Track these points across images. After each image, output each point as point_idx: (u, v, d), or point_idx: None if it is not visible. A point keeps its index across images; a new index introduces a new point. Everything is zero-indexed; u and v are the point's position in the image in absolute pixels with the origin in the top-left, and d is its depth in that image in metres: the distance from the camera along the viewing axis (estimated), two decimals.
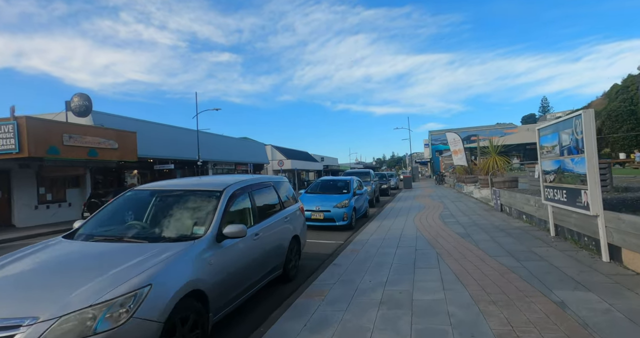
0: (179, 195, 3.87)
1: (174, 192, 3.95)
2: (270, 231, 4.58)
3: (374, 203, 15.82)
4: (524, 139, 32.01)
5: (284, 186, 5.86)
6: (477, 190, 15.04)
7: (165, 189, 4.01)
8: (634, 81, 53.92)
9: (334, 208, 9.62)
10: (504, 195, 9.37)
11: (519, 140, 29.95)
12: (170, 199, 3.82)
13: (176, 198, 3.84)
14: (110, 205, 3.83)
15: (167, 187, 4.05)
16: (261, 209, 4.62)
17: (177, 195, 3.87)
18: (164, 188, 4.04)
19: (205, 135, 32.40)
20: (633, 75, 56.99)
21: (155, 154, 24.12)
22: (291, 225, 5.34)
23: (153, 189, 4.02)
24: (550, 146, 5.50)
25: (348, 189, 10.70)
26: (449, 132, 20.82)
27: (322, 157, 72.34)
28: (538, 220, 6.88)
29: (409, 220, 9.74)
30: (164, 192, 3.93)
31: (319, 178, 12.02)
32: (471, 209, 11.30)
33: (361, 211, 11.39)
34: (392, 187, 28.49)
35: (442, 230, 7.56)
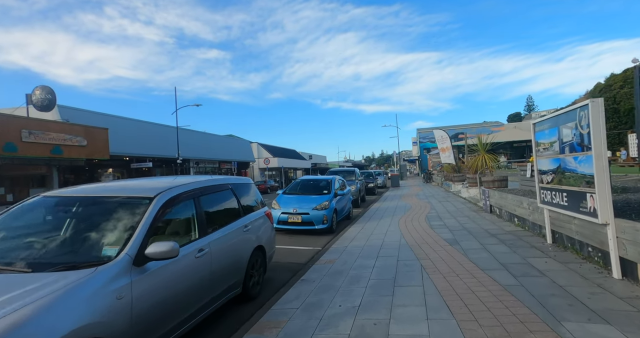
0: (94, 204, 3.04)
1: (88, 200, 3.11)
2: (223, 244, 3.81)
3: (359, 203, 15.16)
4: (512, 136, 31.87)
5: (247, 189, 5.07)
6: (465, 189, 14.52)
7: (78, 196, 3.16)
8: (617, 80, 54.81)
9: (313, 210, 8.88)
10: (494, 196, 8.79)
11: (507, 138, 29.77)
12: (81, 210, 2.99)
13: (90, 208, 3.01)
14: (1, 216, 2.98)
15: (81, 194, 3.20)
16: (211, 218, 3.84)
17: (91, 205, 3.04)
18: (77, 195, 3.20)
19: (187, 133, 31.23)
20: (616, 75, 57.94)
21: (131, 151, 22.98)
22: (254, 234, 4.58)
23: (62, 196, 3.18)
24: (548, 143, 4.87)
25: (329, 190, 9.97)
26: (437, 130, 20.31)
27: (311, 155, 71.62)
28: (532, 225, 6.27)
29: (394, 223, 9.07)
30: (74, 201, 3.09)
31: (299, 178, 11.26)
32: (459, 210, 10.72)
33: (344, 213, 10.69)
34: (379, 186, 27.91)
35: (428, 236, 6.89)
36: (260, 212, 5.10)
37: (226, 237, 3.92)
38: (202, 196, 3.77)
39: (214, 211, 4.02)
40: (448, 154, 18.93)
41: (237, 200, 4.57)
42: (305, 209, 8.92)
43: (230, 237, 4.00)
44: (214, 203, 4.06)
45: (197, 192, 3.69)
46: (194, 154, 31.01)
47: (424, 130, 60.27)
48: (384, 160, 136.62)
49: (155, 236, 2.89)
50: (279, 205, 9.25)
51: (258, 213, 5.01)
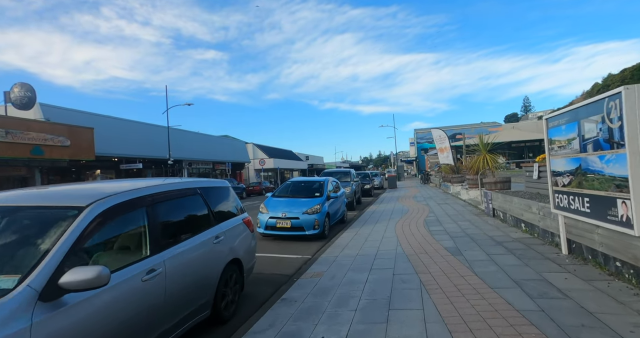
0: (2, 217, 2.39)
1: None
2: (185, 260, 3.17)
3: (354, 205, 14.54)
4: (512, 136, 31.40)
5: (222, 193, 4.43)
6: (464, 191, 13.94)
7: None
8: (615, 80, 54.56)
9: (304, 214, 8.25)
10: (497, 199, 8.19)
11: (508, 138, 29.27)
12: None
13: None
14: None
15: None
16: (169, 230, 3.20)
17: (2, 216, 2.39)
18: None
19: (180, 133, 30.50)
20: (613, 75, 57.81)
21: (120, 152, 22.24)
22: (227, 246, 3.94)
23: None
24: (565, 140, 4.26)
25: (321, 192, 9.34)
26: (435, 129, 19.73)
27: (307, 156, 71.02)
28: (542, 232, 5.66)
29: (390, 228, 8.45)
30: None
31: (290, 180, 10.62)
32: (459, 213, 10.12)
33: (337, 216, 10.07)
34: (376, 187, 27.33)
35: (428, 244, 6.27)
36: (236, 220, 4.46)
37: (189, 251, 3.27)
38: (158, 204, 3.13)
39: (174, 221, 3.37)
40: (446, 154, 18.35)
41: (208, 207, 3.92)
42: (295, 213, 8.28)
43: (194, 251, 3.35)
44: (175, 212, 3.41)
45: (151, 199, 3.04)
46: (186, 154, 30.29)
47: (422, 130, 59.80)
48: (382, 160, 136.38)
49: (86, 257, 2.25)
50: (267, 209, 8.61)
51: (234, 221, 4.37)
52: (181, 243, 3.24)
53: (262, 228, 8.41)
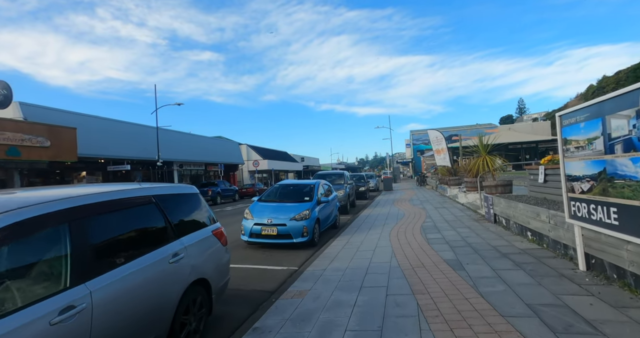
0: None
1: None
2: (124, 288, 2.52)
3: (348, 209, 13.93)
4: (511, 138, 31.03)
5: (186, 201, 3.78)
6: (462, 194, 13.38)
7: None
8: (609, 82, 54.59)
9: (291, 221, 7.62)
10: (499, 204, 7.61)
11: (506, 139, 28.87)
12: None
13: None
14: None
15: None
16: (103, 251, 2.55)
17: None
18: None
19: (170, 134, 29.72)
20: (608, 77, 57.89)
21: (107, 153, 21.44)
22: (188, 265, 3.29)
23: None
24: (584, 139, 3.68)
25: (311, 196, 8.72)
26: (431, 130, 19.20)
27: (303, 157, 70.45)
28: (552, 243, 5.08)
29: (384, 235, 7.84)
30: None
31: (278, 183, 9.99)
32: (458, 219, 9.54)
33: (329, 221, 9.45)
34: (371, 189, 26.74)
35: (425, 255, 5.66)
36: (204, 232, 3.82)
37: (132, 276, 2.63)
38: (89, 218, 2.48)
39: (114, 239, 2.72)
40: (443, 155, 17.81)
41: (165, 219, 3.28)
42: (282, 220, 7.65)
43: (140, 276, 2.71)
44: (115, 227, 2.76)
45: (78, 212, 2.40)
46: (177, 155, 29.53)
47: (418, 131, 59.51)
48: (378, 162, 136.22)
49: None
50: (251, 215, 7.97)
51: (201, 234, 3.73)
52: (121, 267, 2.59)
53: (246, 235, 7.77)
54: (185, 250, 3.31)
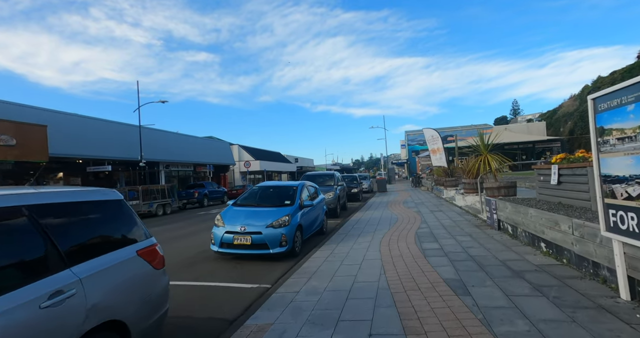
0: None
1: None
2: None
3: (337, 212, 12.97)
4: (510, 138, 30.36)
5: (93, 211, 2.78)
6: (460, 196, 12.48)
7: None
8: (605, 82, 54.33)
9: (268, 228, 6.64)
10: (505, 209, 6.70)
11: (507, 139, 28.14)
12: None
13: None
14: None
15: None
16: None
17: None
18: None
19: (156, 133, 28.56)
20: (603, 77, 57.64)
21: (86, 153, 20.27)
22: (84, 304, 2.28)
23: None
24: (630, 128, 2.75)
25: (293, 200, 7.74)
26: (427, 129, 18.31)
27: (297, 158, 69.51)
28: (577, 259, 4.15)
29: (374, 244, 6.88)
30: None
31: (257, 185, 8.99)
32: (456, 224, 8.61)
33: (314, 228, 8.47)
34: (365, 191, 25.82)
35: (420, 271, 4.71)
36: (123, 253, 2.81)
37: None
38: None
39: None
40: (439, 155, 16.92)
41: (45, 239, 2.26)
42: (257, 227, 6.66)
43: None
44: None
45: None
46: (164, 156, 28.39)
47: (413, 132, 58.83)
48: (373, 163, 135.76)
49: None
50: (222, 222, 6.96)
51: (116, 257, 2.73)
52: None
53: (216, 245, 6.77)
54: (78, 284, 2.30)
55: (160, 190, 20.05)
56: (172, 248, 8.40)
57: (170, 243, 9.08)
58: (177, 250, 8.00)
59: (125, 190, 18.54)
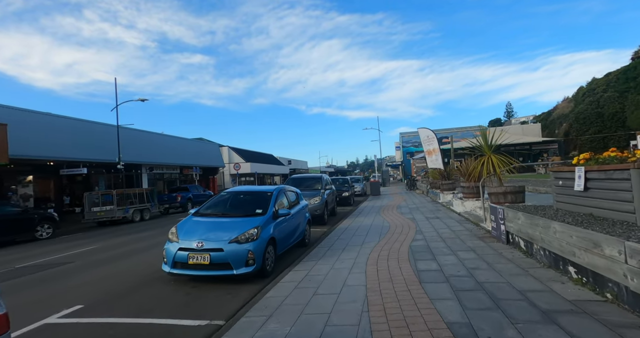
0: None
1: None
2: None
3: (325, 218, 11.80)
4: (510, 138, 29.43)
5: None
6: (459, 201, 11.38)
7: None
8: (600, 84, 53.96)
9: (231, 244, 5.45)
10: (516, 220, 5.58)
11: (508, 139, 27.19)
12: None
13: None
14: None
15: None
16: None
17: None
18: None
19: (139, 134, 27.19)
20: (598, 79, 57.34)
21: (57, 154, 18.87)
22: None
23: None
24: None
25: (266, 208, 6.56)
26: (422, 129, 17.23)
27: (290, 160, 68.32)
28: (632, 297, 3.01)
29: (360, 261, 5.73)
30: None
31: (227, 190, 7.79)
32: (456, 235, 7.49)
33: (292, 240, 7.29)
34: (357, 194, 24.71)
35: (414, 309, 3.55)
36: None
37: None
38: None
39: None
40: (435, 157, 15.86)
41: None
42: (218, 242, 5.47)
43: None
44: None
45: None
46: (147, 158, 27.03)
47: (407, 134, 57.99)
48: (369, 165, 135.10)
49: None
50: (177, 236, 5.76)
51: None
52: None
53: (168, 265, 5.56)
54: None
55: (138, 194, 18.73)
56: (125, 265, 7.17)
57: (126, 259, 7.84)
58: (129, 269, 6.78)
59: (99, 195, 17.21)
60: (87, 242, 11.12)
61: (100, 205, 16.89)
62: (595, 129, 49.52)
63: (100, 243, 10.72)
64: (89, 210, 16.82)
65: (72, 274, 6.69)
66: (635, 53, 54.25)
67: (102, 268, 7.06)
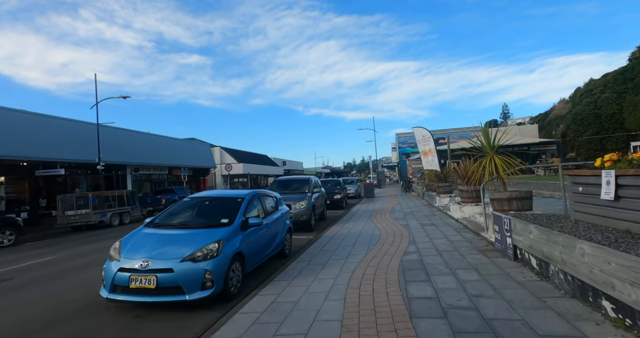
0: None
1: None
2: None
3: (312, 225, 10.84)
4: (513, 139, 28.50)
5: None
6: (456, 206, 10.46)
7: None
8: (597, 84, 53.49)
9: (184, 262, 4.49)
10: (527, 233, 4.66)
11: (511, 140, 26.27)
12: None
13: None
14: None
15: None
16: None
17: None
18: None
19: (124, 133, 26.09)
20: (595, 79, 56.89)
21: (31, 154, 17.75)
22: None
23: None
24: None
25: (233, 217, 5.59)
26: (418, 128, 16.33)
27: (285, 161, 67.29)
28: None
29: (340, 283, 4.77)
30: None
31: (191, 195, 6.80)
32: (455, 247, 6.56)
33: (267, 253, 6.33)
34: (351, 196, 23.79)
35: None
36: None
37: None
38: None
39: None
40: (431, 158, 14.97)
41: None
42: (167, 261, 4.50)
43: None
44: None
45: None
46: (132, 158, 25.94)
47: (404, 134, 57.20)
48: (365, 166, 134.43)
49: None
50: (119, 253, 4.77)
51: None
52: None
53: (107, 289, 4.56)
54: None
55: (117, 197, 17.68)
56: (71, 284, 6.15)
57: (77, 274, 6.82)
58: (75, 288, 5.78)
59: (74, 197, 16.13)
60: (49, 251, 10.09)
61: (74, 209, 15.83)
62: (593, 130, 48.99)
63: (62, 252, 9.70)
64: (63, 214, 15.76)
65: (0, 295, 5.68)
66: (632, 54, 53.84)
67: (42, 287, 6.05)
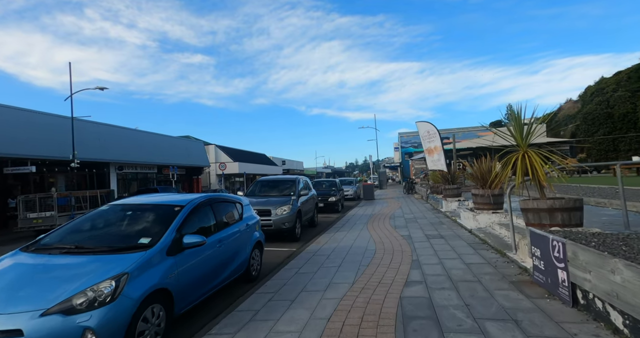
0: None
1: None
2: None
3: (297, 234, 9.11)
4: None
5: None
6: (469, 213, 8.61)
7: None
8: (610, 83, 51.33)
9: (44, 317, 2.74)
10: (607, 271, 2.90)
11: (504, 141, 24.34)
12: None
13: None
14: None
15: None
16: None
17: None
18: None
19: (107, 129, 24.40)
20: (607, 78, 54.71)
21: None
22: None
23: None
24: None
25: (158, 234, 3.86)
26: (421, 123, 14.51)
27: (284, 161, 65.63)
28: None
29: (316, 328, 3.02)
30: None
31: (112, 203, 5.03)
32: (475, 275, 4.78)
33: (218, 281, 4.59)
34: (349, 198, 22.04)
35: None
36: None
37: None
38: None
39: None
40: (437, 156, 13.17)
41: None
42: (13, 317, 2.76)
43: None
44: None
45: None
46: (117, 156, 24.33)
47: (407, 134, 55.35)
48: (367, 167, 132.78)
49: None
50: None
51: None
52: None
53: None
54: None
55: (90, 198, 16.03)
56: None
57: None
58: None
59: (36, 198, 14.47)
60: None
61: (37, 211, 14.17)
62: (605, 130, 46.89)
63: None
64: (24, 217, 14.09)
65: None
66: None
67: None
